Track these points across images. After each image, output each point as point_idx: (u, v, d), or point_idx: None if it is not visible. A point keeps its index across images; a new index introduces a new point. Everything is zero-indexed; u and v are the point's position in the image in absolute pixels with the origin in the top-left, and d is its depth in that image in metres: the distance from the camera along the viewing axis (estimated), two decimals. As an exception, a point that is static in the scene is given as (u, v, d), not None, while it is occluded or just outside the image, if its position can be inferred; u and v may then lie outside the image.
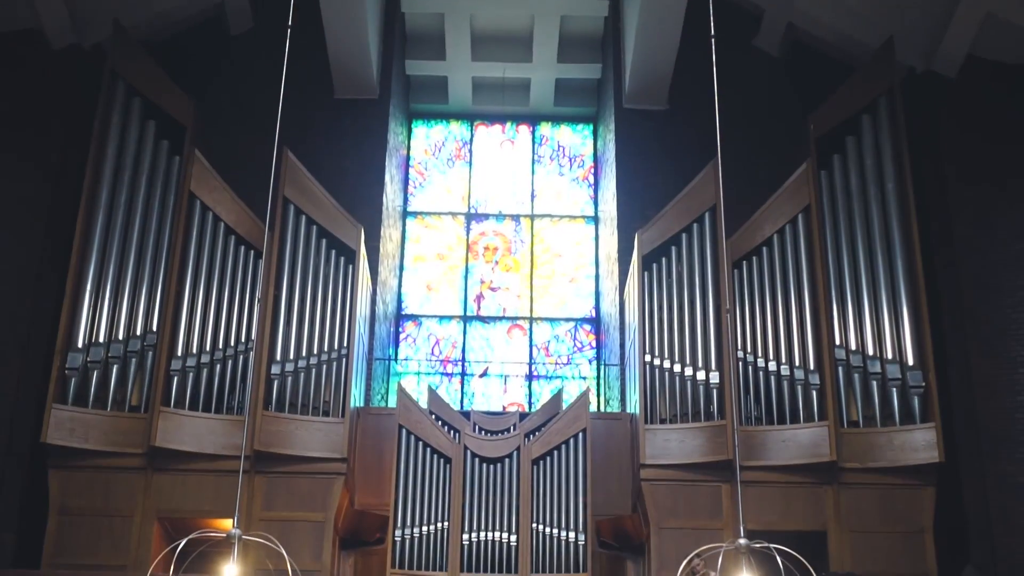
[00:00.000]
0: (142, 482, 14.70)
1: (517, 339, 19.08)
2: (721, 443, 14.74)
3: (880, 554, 14.46)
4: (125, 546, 14.44)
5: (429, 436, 13.26)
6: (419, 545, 12.70)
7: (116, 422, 14.77)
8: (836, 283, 15.63)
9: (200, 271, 15.65)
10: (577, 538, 12.77)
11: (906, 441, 14.75)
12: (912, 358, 15.02)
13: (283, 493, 14.80)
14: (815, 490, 14.84)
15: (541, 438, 13.33)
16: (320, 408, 15.14)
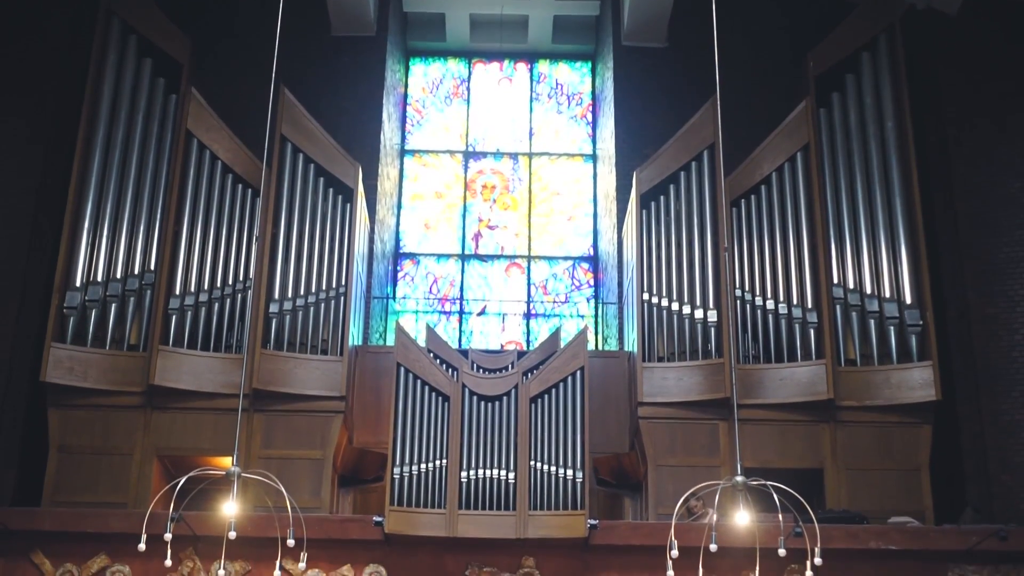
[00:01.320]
0: (141, 420, 14.75)
1: (515, 277, 19.07)
2: (719, 381, 14.78)
3: (876, 492, 14.54)
4: (125, 484, 14.51)
5: (427, 374, 13.27)
6: (417, 483, 12.75)
7: (115, 360, 14.79)
8: (834, 221, 15.61)
9: (198, 210, 15.61)
10: (575, 476, 12.81)
11: (903, 379, 14.79)
12: (910, 296, 15.04)
13: (282, 431, 14.85)
14: (812, 428, 14.90)
15: (539, 376, 13.34)
16: (318, 346, 15.16)
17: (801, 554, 9.97)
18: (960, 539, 12.71)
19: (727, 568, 12.33)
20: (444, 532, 12.57)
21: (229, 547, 10.49)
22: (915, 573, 12.69)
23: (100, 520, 12.78)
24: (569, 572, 12.68)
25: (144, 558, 11.18)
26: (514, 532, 12.55)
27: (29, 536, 12.63)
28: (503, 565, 12.73)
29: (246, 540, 11.11)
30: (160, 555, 10.40)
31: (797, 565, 11.94)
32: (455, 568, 12.71)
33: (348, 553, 12.72)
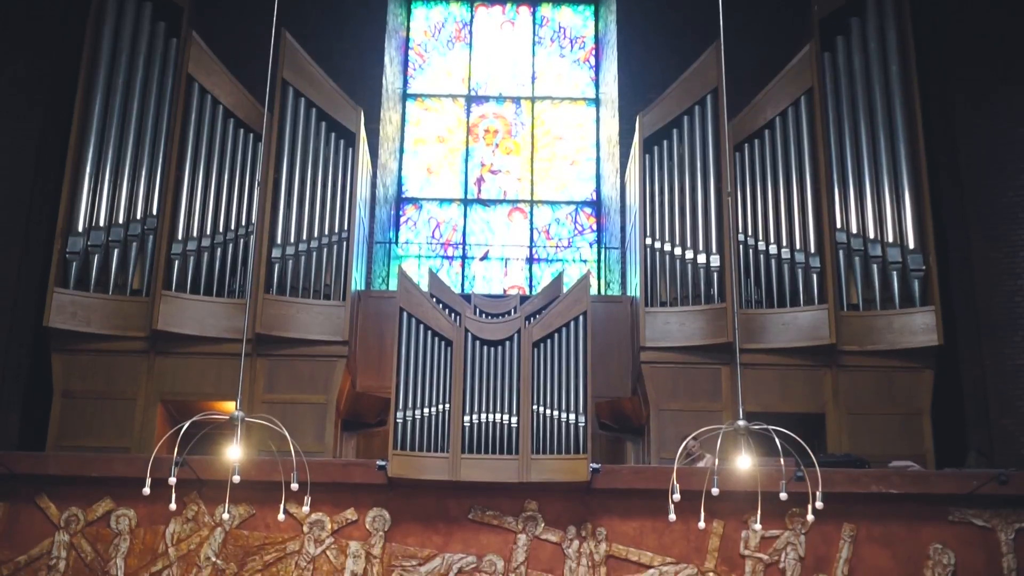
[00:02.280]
0: (144, 365, 14.79)
1: (518, 222, 19.03)
2: (721, 326, 14.80)
3: (878, 436, 14.58)
4: (129, 428, 14.57)
5: (430, 319, 13.28)
6: (420, 427, 12.78)
7: (118, 306, 14.82)
8: (838, 166, 15.57)
9: (199, 154, 15.58)
10: (577, 420, 12.84)
11: (905, 324, 14.80)
12: (913, 241, 15.02)
13: (285, 376, 14.90)
14: (814, 373, 14.93)
15: (541, 321, 13.35)
16: (321, 291, 15.17)
17: (802, 498, 10.01)
18: (961, 483, 12.76)
19: (729, 512, 12.40)
20: (447, 476, 12.62)
21: (233, 491, 10.53)
22: (916, 517, 12.75)
23: (104, 464, 12.83)
24: (571, 516, 12.75)
25: (148, 502, 11.24)
26: (517, 476, 12.61)
27: (34, 480, 12.69)
28: (506, 509, 12.79)
29: (250, 484, 11.15)
30: (164, 499, 10.45)
31: (798, 509, 11.99)
32: (458, 512, 12.77)
33: (352, 497, 12.78)
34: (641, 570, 12.59)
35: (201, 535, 12.59)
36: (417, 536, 12.69)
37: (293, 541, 12.60)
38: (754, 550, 12.59)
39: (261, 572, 12.51)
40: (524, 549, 12.65)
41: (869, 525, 12.73)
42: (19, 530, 12.59)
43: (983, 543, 12.68)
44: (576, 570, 12.59)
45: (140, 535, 12.62)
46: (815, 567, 12.57)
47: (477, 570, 12.63)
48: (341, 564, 12.54)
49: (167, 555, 12.50)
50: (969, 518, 12.73)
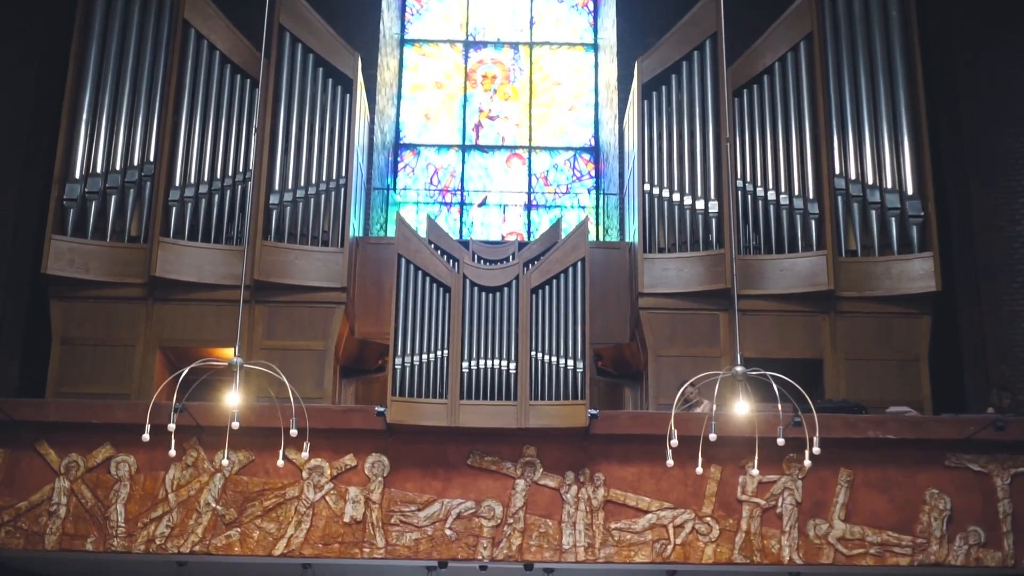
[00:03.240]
0: (143, 312, 14.81)
1: (516, 168, 18.99)
2: (719, 272, 14.81)
3: (875, 382, 14.64)
4: (128, 375, 14.62)
5: (428, 265, 13.26)
6: (419, 373, 12.80)
7: (116, 252, 14.82)
8: (837, 112, 15.52)
9: (196, 100, 15.52)
10: (575, 366, 12.85)
11: (904, 270, 14.82)
12: (911, 187, 15.02)
13: (284, 322, 14.93)
14: (812, 319, 14.96)
15: (540, 267, 13.33)
16: (319, 238, 15.17)
17: (800, 443, 10.04)
18: (957, 429, 12.79)
19: (726, 457, 12.44)
20: (446, 422, 12.65)
21: (232, 437, 10.56)
22: (912, 462, 12.79)
23: (104, 411, 12.85)
24: (570, 461, 12.78)
25: (148, 448, 11.26)
26: (515, 422, 12.63)
27: (34, 427, 12.72)
28: (504, 454, 12.82)
29: (249, 430, 11.16)
30: (164, 445, 10.47)
31: (796, 454, 12.03)
32: (457, 457, 12.81)
33: (351, 443, 12.81)
34: (639, 515, 12.65)
35: (201, 481, 12.63)
36: (416, 482, 12.73)
37: (292, 487, 12.64)
38: (751, 495, 12.64)
39: (261, 517, 12.56)
40: (522, 494, 12.69)
41: (866, 470, 12.77)
42: (19, 476, 12.62)
43: (979, 488, 12.72)
44: (574, 515, 12.64)
45: (140, 481, 12.66)
46: (812, 512, 12.62)
47: (476, 515, 12.68)
48: (340, 509, 12.59)
49: (167, 501, 12.55)
50: (966, 463, 12.78)
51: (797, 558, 12.51)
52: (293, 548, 12.49)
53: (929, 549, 12.54)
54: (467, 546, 12.57)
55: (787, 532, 12.58)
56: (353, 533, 12.57)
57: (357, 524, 12.58)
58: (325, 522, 12.57)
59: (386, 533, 12.55)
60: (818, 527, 12.59)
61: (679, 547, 12.56)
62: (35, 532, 12.45)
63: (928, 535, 12.56)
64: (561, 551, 12.56)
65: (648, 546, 12.56)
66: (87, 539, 12.47)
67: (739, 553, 12.51)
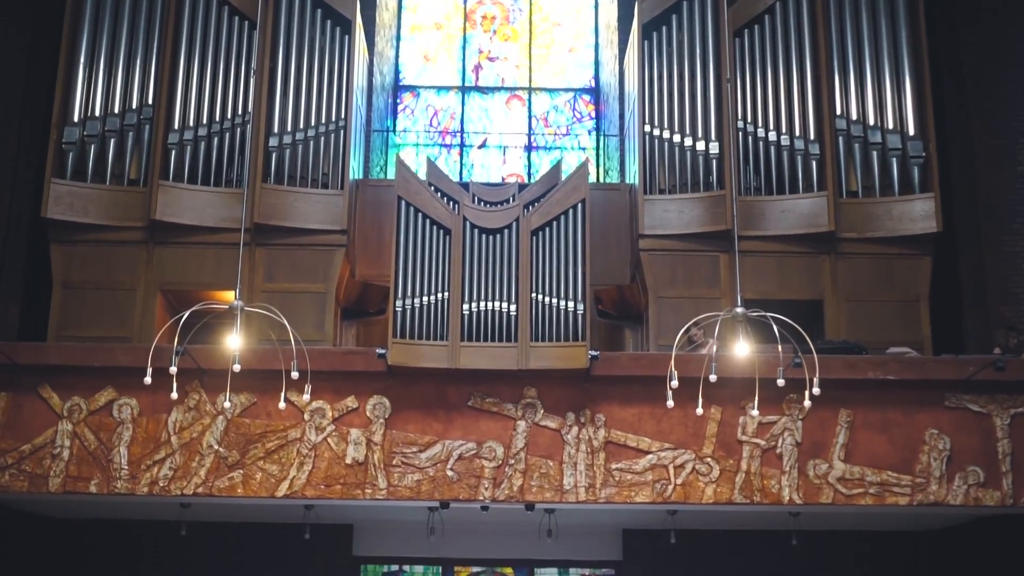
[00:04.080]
0: (143, 255, 14.81)
1: (516, 110, 18.92)
2: (720, 213, 14.80)
3: (875, 322, 14.66)
4: (129, 318, 14.65)
5: (428, 207, 13.23)
6: (420, 315, 12.80)
7: (115, 196, 14.81)
8: (838, 52, 15.46)
9: (194, 42, 15.44)
10: (576, 308, 12.85)
11: (904, 211, 14.81)
12: (913, 128, 14.98)
13: (284, 265, 14.93)
14: (813, 260, 14.97)
15: (540, 209, 13.31)
16: (319, 180, 15.15)
17: (800, 384, 10.07)
18: (957, 369, 12.81)
19: (726, 398, 12.47)
20: (447, 364, 12.67)
21: (234, 380, 10.58)
22: (912, 403, 12.82)
23: (106, 354, 12.87)
24: (570, 402, 12.82)
25: (150, 391, 11.28)
26: (516, 363, 12.65)
27: (36, 370, 12.74)
28: (505, 396, 12.85)
29: (251, 373, 11.19)
30: (166, 388, 10.51)
31: (796, 395, 12.07)
32: (458, 399, 12.84)
33: (352, 385, 12.84)
34: (639, 455, 12.70)
35: (203, 423, 12.67)
36: (417, 423, 12.77)
37: (294, 429, 12.68)
38: (751, 436, 12.68)
39: (263, 459, 12.61)
40: (523, 435, 12.73)
41: (866, 411, 12.81)
42: (22, 420, 12.66)
43: (979, 428, 12.76)
44: (575, 456, 12.69)
45: (143, 424, 12.69)
46: (812, 452, 12.67)
47: (477, 456, 12.73)
48: (342, 451, 12.64)
49: (170, 443, 12.60)
50: (965, 403, 12.81)
51: (797, 498, 12.57)
52: (295, 490, 12.55)
53: (928, 489, 12.60)
54: (468, 487, 12.63)
55: (787, 472, 12.63)
56: (355, 474, 12.62)
57: (359, 465, 12.63)
58: (327, 464, 12.62)
59: (388, 474, 12.61)
60: (818, 467, 12.64)
61: (679, 487, 12.62)
62: (39, 475, 12.50)
63: (927, 475, 12.62)
64: (562, 491, 12.62)
65: (649, 486, 12.62)
66: (91, 481, 12.52)
67: (739, 493, 12.58)
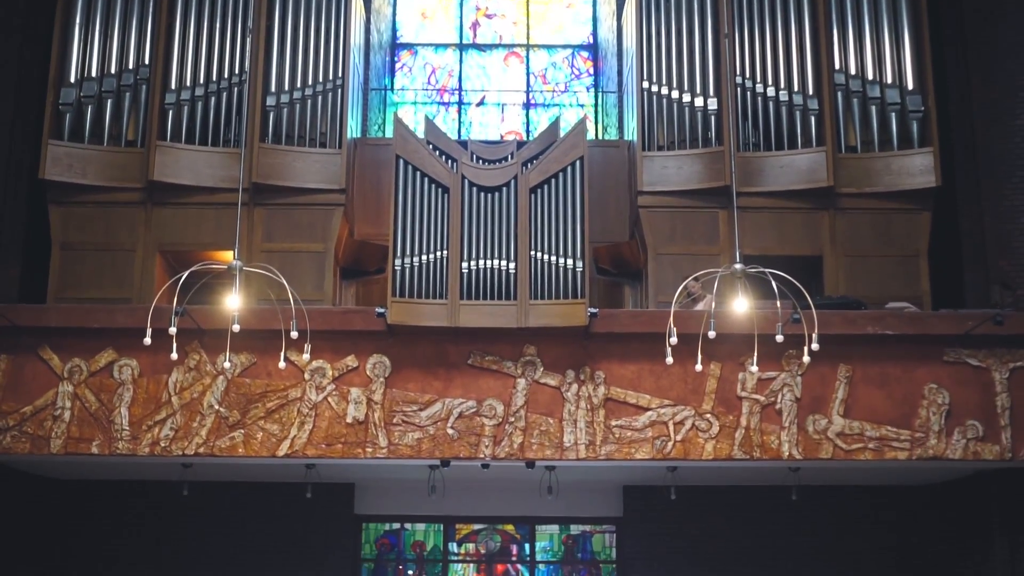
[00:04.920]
0: (142, 216, 14.79)
1: (514, 67, 18.85)
2: (719, 169, 14.77)
3: (874, 278, 14.66)
4: (129, 279, 14.64)
5: (426, 166, 13.21)
6: (419, 274, 12.81)
7: (113, 157, 14.77)
8: (837, 6, 15.37)
9: (190, 2, 15.32)
10: (575, 265, 12.85)
11: (904, 166, 14.79)
12: (912, 82, 14.93)
13: (283, 225, 14.91)
14: (811, 215, 14.95)
15: (538, 166, 13.29)
16: (317, 139, 15.11)
17: (799, 340, 10.09)
18: (956, 324, 12.83)
19: (725, 355, 12.50)
20: (446, 322, 12.69)
21: (234, 340, 10.59)
22: (911, 357, 12.85)
23: (106, 315, 12.89)
24: (570, 360, 12.85)
25: (151, 352, 11.30)
26: (515, 321, 12.67)
27: (36, 332, 12.76)
28: (505, 353, 12.88)
29: (251, 333, 11.21)
30: (166, 349, 10.52)
31: (795, 351, 12.09)
32: (458, 357, 12.87)
33: (352, 344, 12.87)
34: (639, 412, 12.74)
35: (203, 384, 12.70)
36: (417, 382, 12.81)
37: (295, 388, 12.71)
38: (751, 392, 12.71)
39: (264, 419, 12.65)
40: (523, 393, 12.77)
41: (865, 366, 12.84)
42: (23, 381, 12.69)
43: (978, 382, 12.79)
44: (575, 413, 12.73)
45: (143, 385, 12.73)
46: (811, 408, 12.71)
47: (477, 414, 12.77)
48: (343, 410, 12.68)
49: (170, 404, 12.64)
50: (964, 358, 12.83)
51: (796, 453, 12.63)
52: (296, 449, 12.60)
53: (927, 443, 12.65)
54: (469, 445, 12.68)
55: (786, 428, 12.68)
56: (356, 433, 12.67)
57: (359, 424, 12.68)
58: (328, 423, 12.67)
59: (388, 433, 12.66)
60: (817, 422, 12.69)
61: (679, 444, 12.67)
62: (40, 436, 12.55)
63: (927, 429, 12.66)
64: (562, 449, 12.67)
65: (648, 443, 12.67)
66: (92, 442, 12.58)
67: (739, 449, 12.63)
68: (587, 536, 15.96)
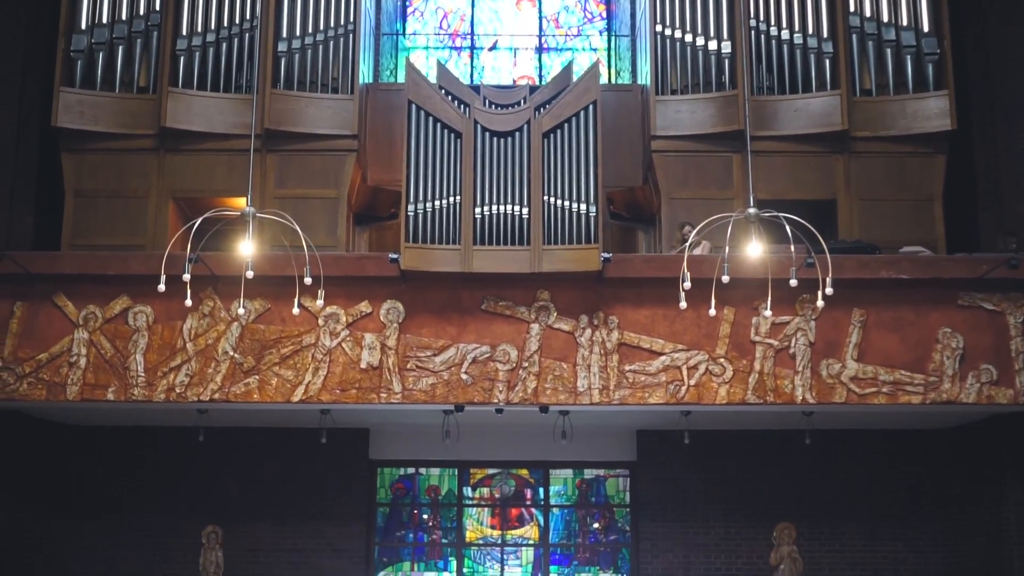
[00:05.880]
0: (155, 163, 14.81)
1: (526, 10, 18.73)
2: (732, 113, 14.71)
3: (889, 222, 14.64)
4: (142, 226, 14.68)
5: (439, 111, 13.17)
6: (432, 219, 12.79)
7: (125, 103, 14.77)
8: (852, -53, 15.25)
9: (199, -54, 15.28)
10: (588, 210, 12.82)
11: (918, 109, 14.72)
12: (927, 24, 14.85)
13: (295, 171, 14.92)
14: (826, 159, 14.91)
15: (551, 111, 13.23)
16: (329, 85, 15.07)
17: (813, 284, 10.05)
18: (971, 268, 12.80)
19: (739, 299, 12.49)
20: (459, 268, 12.69)
21: (247, 286, 10.61)
22: (925, 301, 12.83)
23: (120, 262, 12.92)
24: (583, 304, 12.85)
25: (165, 298, 11.34)
26: (529, 266, 12.66)
27: (51, 279, 12.80)
28: (518, 299, 12.89)
29: (264, 279, 11.22)
30: (180, 295, 10.56)
31: (808, 295, 12.07)
32: (471, 303, 12.88)
33: (365, 290, 12.88)
34: (653, 357, 12.75)
35: (218, 330, 12.74)
36: (431, 327, 12.83)
37: (309, 334, 12.75)
38: (764, 336, 12.72)
39: (278, 365, 12.69)
40: (537, 338, 12.79)
41: (879, 310, 12.83)
42: (39, 328, 12.74)
43: (992, 326, 12.78)
44: (589, 358, 12.75)
45: (158, 331, 12.77)
46: (825, 352, 12.71)
47: (491, 359, 12.80)
48: (357, 356, 12.71)
49: (185, 350, 12.68)
50: (978, 302, 12.81)
51: (810, 397, 12.64)
52: (311, 394, 12.65)
53: (941, 387, 12.65)
54: (483, 390, 12.71)
55: (800, 372, 12.69)
56: (370, 379, 12.71)
57: (374, 370, 12.72)
58: (342, 368, 12.71)
59: (403, 378, 12.70)
60: (831, 367, 12.69)
61: (693, 388, 12.69)
62: (56, 383, 12.61)
63: (940, 373, 12.66)
64: (576, 393, 12.70)
65: (662, 387, 12.69)
66: (108, 389, 12.64)
67: (752, 393, 12.64)
68: (601, 480, 16.01)
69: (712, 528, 15.21)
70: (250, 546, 15.20)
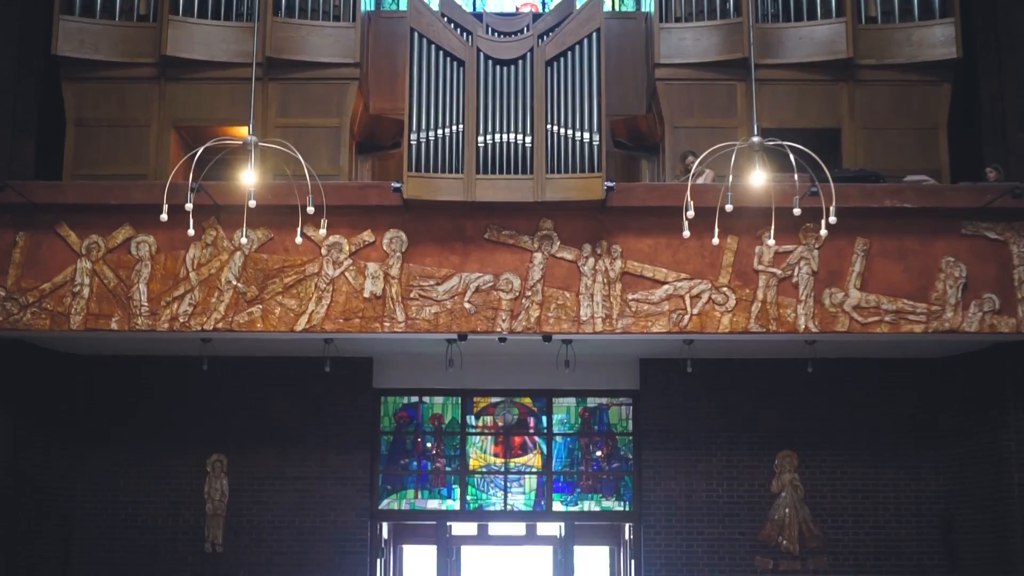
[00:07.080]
0: (156, 92, 14.73)
1: (529, -63, 18.57)
2: (737, 41, 14.62)
3: (893, 150, 14.59)
4: (144, 156, 14.64)
5: (441, 39, 13.09)
6: (435, 148, 12.77)
7: (125, 32, 14.67)
8: None
9: None
10: (592, 138, 12.80)
11: (924, 37, 14.62)
12: (934, -50, 14.72)
13: (297, 100, 14.85)
14: (830, 87, 14.83)
15: (554, 39, 13.16)
16: (330, 12, 14.97)
17: (816, 213, 10.03)
18: (974, 196, 12.79)
19: (743, 228, 12.49)
20: (462, 196, 12.69)
21: (250, 215, 10.60)
22: (929, 231, 12.84)
23: (122, 192, 12.92)
24: (587, 233, 12.86)
25: (167, 228, 11.37)
26: (532, 195, 12.66)
27: (53, 209, 12.80)
28: (521, 228, 12.89)
29: (267, 208, 11.20)
30: (183, 225, 10.54)
31: (812, 224, 12.04)
32: (474, 232, 12.89)
33: (368, 219, 12.89)
34: (656, 286, 12.78)
35: (221, 259, 12.76)
36: (434, 256, 12.85)
37: (312, 263, 12.77)
38: (768, 265, 12.73)
39: (281, 294, 12.73)
40: (540, 267, 12.81)
41: (882, 239, 12.84)
42: (41, 258, 12.77)
43: (995, 256, 12.80)
44: (592, 287, 12.78)
45: (161, 261, 12.80)
46: (828, 281, 12.74)
47: (494, 288, 12.83)
48: (360, 285, 12.74)
49: (188, 280, 12.71)
50: (982, 231, 12.82)
51: (813, 326, 12.68)
52: (314, 324, 12.70)
53: (944, 316, 12.69)
54: (486, 319, 12.75)
55: (803, 301, 12.72)
56: (373, 308, 12.75)
57: (377, 299, 12.75)
58: (345, 297, 12.74)
59: (406, 307, 12.73)
60: (834, 296, 12.72)
61: (696, 317, 12.73)
62: (60, 312, 12.66)
63: (943, 302, 12.69)
64: (579, 322, 12.74)
65: (665, 316, 12.73)
66: (111, 318, 12.69)
67: (755, 322, 12.68)
68: (604, 409, 16.07)
69: (714, 456, 15.28)
70: (255, 474, 15.29)
